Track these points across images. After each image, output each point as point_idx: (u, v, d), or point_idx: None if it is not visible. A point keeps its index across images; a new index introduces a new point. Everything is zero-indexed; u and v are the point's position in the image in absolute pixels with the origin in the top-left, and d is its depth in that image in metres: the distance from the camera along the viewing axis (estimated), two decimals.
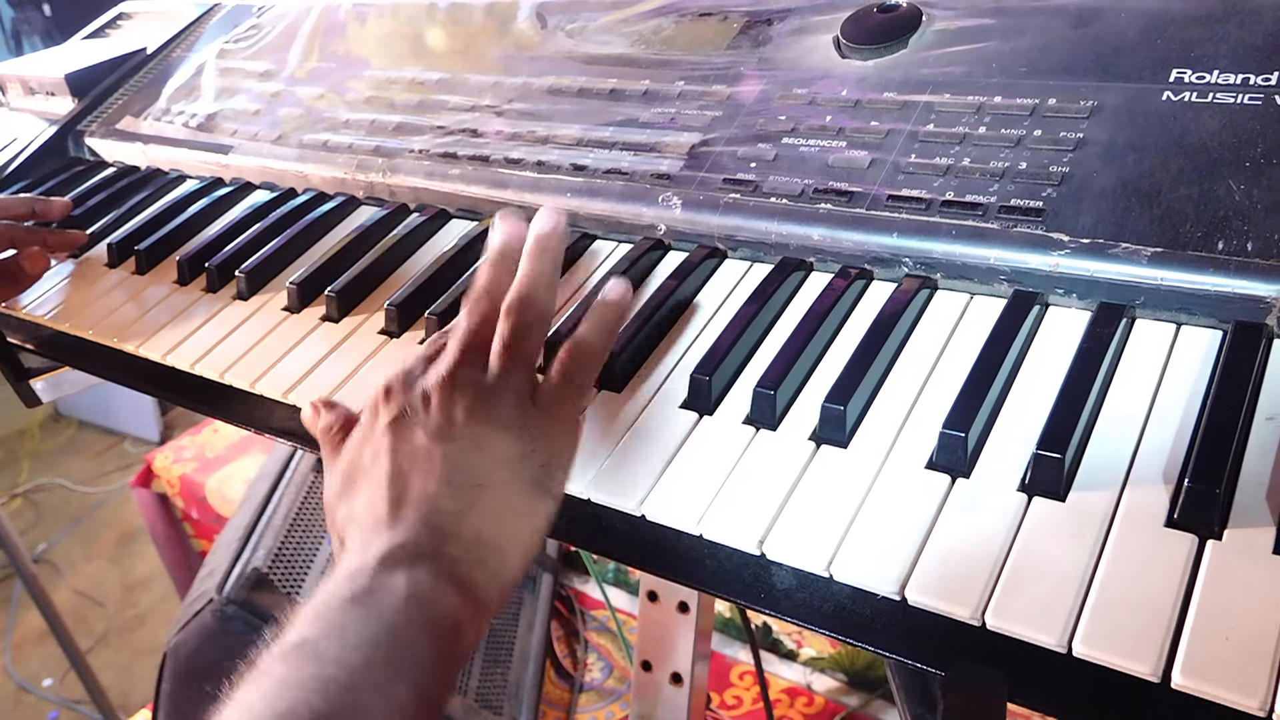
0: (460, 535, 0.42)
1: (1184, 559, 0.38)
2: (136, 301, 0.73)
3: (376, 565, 0.40)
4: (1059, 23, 0.60)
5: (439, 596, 0.40)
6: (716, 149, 0.63)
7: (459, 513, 0.43)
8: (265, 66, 0.93)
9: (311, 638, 0.38)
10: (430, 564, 0.41)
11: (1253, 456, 0.41)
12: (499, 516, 0.43)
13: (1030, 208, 0.52)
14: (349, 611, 0.39)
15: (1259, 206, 0.47)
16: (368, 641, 0.38)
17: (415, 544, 0.41)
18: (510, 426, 0.45)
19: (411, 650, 0.38)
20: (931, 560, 0.41)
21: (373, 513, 0.43)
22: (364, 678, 0.37)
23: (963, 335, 0.51)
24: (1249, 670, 0.34)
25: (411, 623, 0.39)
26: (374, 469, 0.45)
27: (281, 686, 0.37)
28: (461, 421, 0.45)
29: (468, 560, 0.42)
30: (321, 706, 0.36)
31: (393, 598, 0.39)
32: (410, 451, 0.44)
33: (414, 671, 0.38)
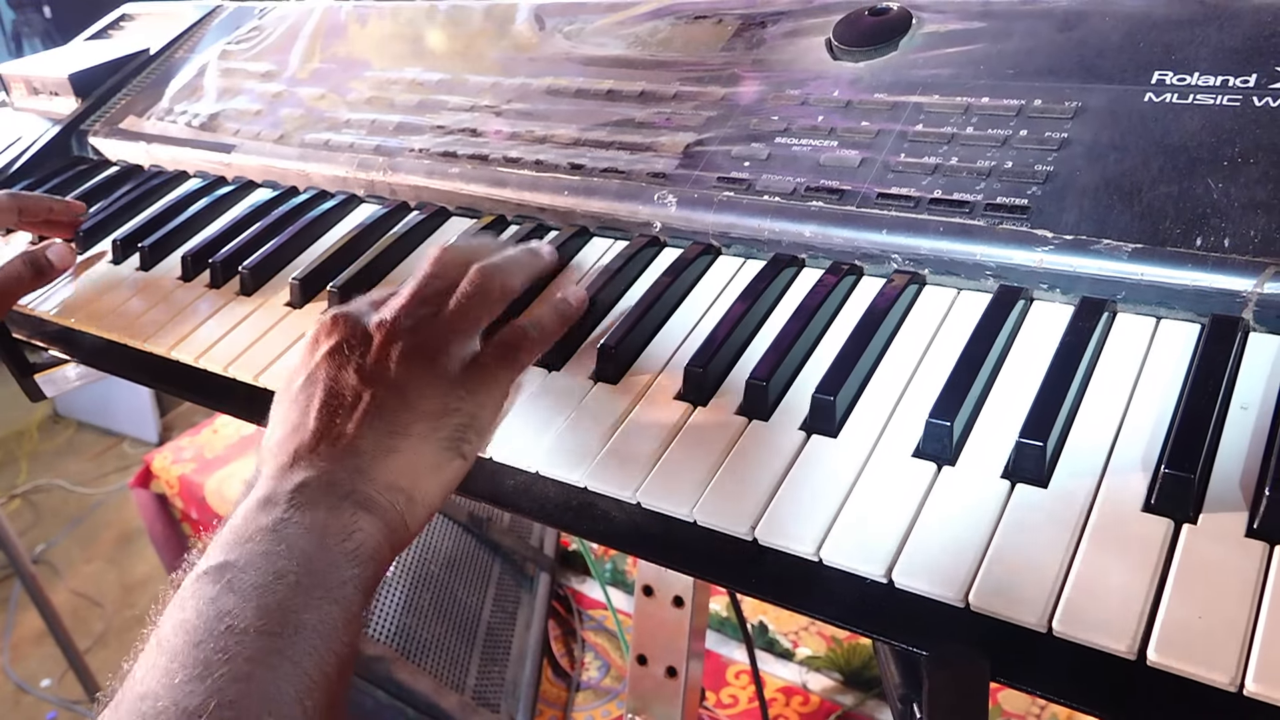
0: (373, 477, 0.44)
1: (1160, 542, 0.39)
2: (141, 297, 0.74)
3: (291, 493, 0.42)
4: (1045, 26, 0.61)
5: (355, 529, 0.42)
6: (711, 148, 0.65)
7: (374, 456, 0.44)
8: (267, 67, 0.94)
9: (235, 560, 0.39)
10: (346, 498, 0.43)
11: (1228, 444, 0.42)
12: (412, 466, 0.45)
13: (1015, 205, 0.53)
14: (270, 538, 0.40)
15: (1235, 204, 0.48)
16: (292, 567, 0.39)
17: (330, 478, 0.43)
18: (440, 381, 0.47)
19: (335, 574, 0.40)
20: (918, 544, 0.42)
21: (293, 442, 0.45)
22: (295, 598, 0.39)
23: (949, 329, 0.52)
24: (1220, 648, 0.35)
25: (330, 552, 0.41)
26: (303, 395, 0.46)
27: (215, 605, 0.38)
28: (395, 366, 0.46)
29: (379, 500, 0.44)
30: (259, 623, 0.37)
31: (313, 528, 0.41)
32: (340, 387, 0.46)
33: (339, 592, 0.40)
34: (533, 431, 0.52)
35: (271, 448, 0.46)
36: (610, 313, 0.60)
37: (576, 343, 0.57)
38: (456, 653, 1.40)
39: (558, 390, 0.55)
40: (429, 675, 1.31)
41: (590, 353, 0.56)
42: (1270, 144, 0.50)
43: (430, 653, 1.34)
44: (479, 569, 1.55)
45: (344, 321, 0.48)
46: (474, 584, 1.52)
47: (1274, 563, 0.37)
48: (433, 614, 1.39)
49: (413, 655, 1.31)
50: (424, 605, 1.38)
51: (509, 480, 0.53)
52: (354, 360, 0.46)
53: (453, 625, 1.42)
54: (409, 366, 0.46)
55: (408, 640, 1.32)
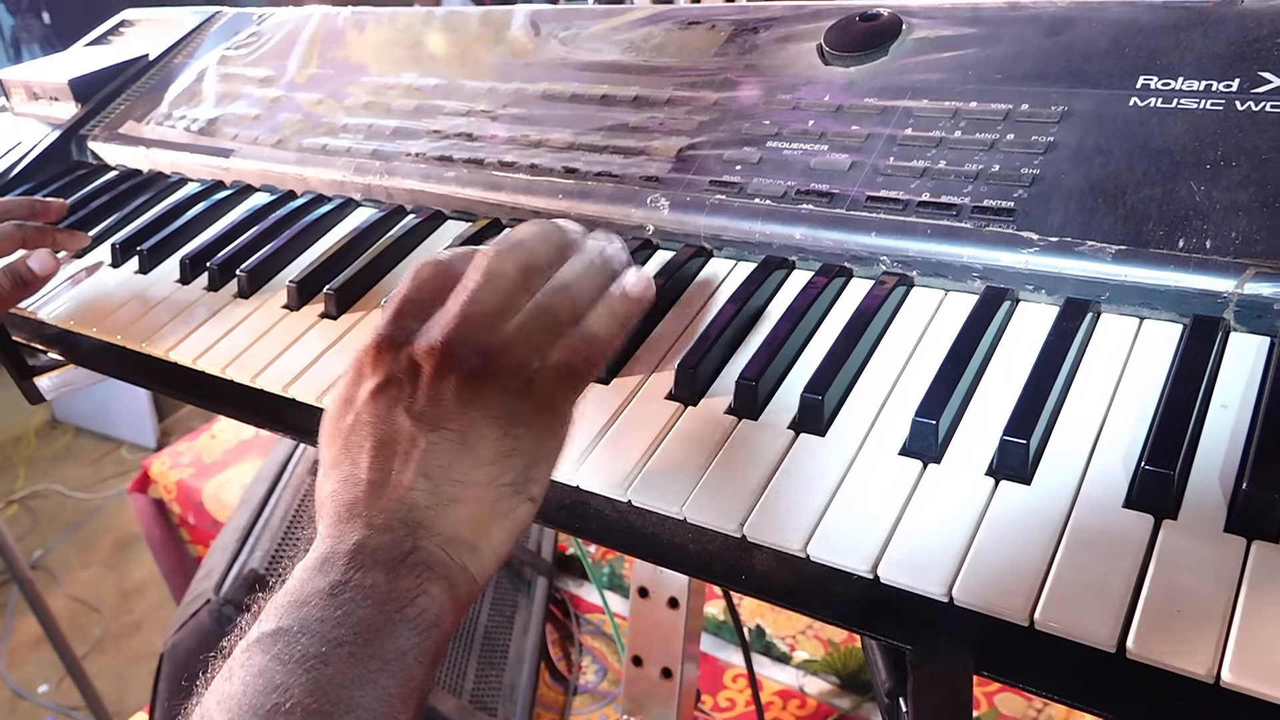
0: (436, 533, 0.41)
1: (1140, 537, 0.40)
2: (139, 300, 0.75)
3: (349, 556, 0.39)
4: (1032, 32, 0.62)
5: (418, 594, 0.39)
6: (703, 152, 0.65)
7: (436, 509, 0.41)
8: (265, 73, 0.95)
9: (289, 627, 0.37)
10: (406, 561, 0.39)
11: (1208, 442, 0.43)
12: (476, 516, 0.41)
13: (1002, 208, 0.54)
14: (327, 605, 0.38)
15: (1217, 206, 0.49)
16: (350, 638, 0.37)
17: (390, 539, 0.40)
18: (500, 420, 0.42)
19: (394, 646, 0.38)
20: (903, 540, 0.43)
21: (348, 495, 0.41)
22: (350, 671, 0.36)
23: (937, 329, 0.53)
24: (1197, 639, 0.36)
25: (391, 619, 0.38)
26: (352, 441, 0.42)
27: (264, 678, 0.35)
28: (449, 407, 0.41)
29: (442, 558, 0.40)
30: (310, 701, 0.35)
31: (372, 594, 0.38)
32: (391, 433, 0.41)
33: (398, 665, 0.37)
34: None
35: (326, 501, 0.42)
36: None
37: None
38: (454, 657, 1.40)
39: None
40: None
41: None
42: (1252, 147, 0.51)
43: None
44: None
45: (389, 351, 0.43)
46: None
47: (1251, 557, 0.38)
48: None
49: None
50: None
51: None
52: (404, 399, 0.42)
53: None
54: (463, 404, 0.41)
55: None
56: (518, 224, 0.69)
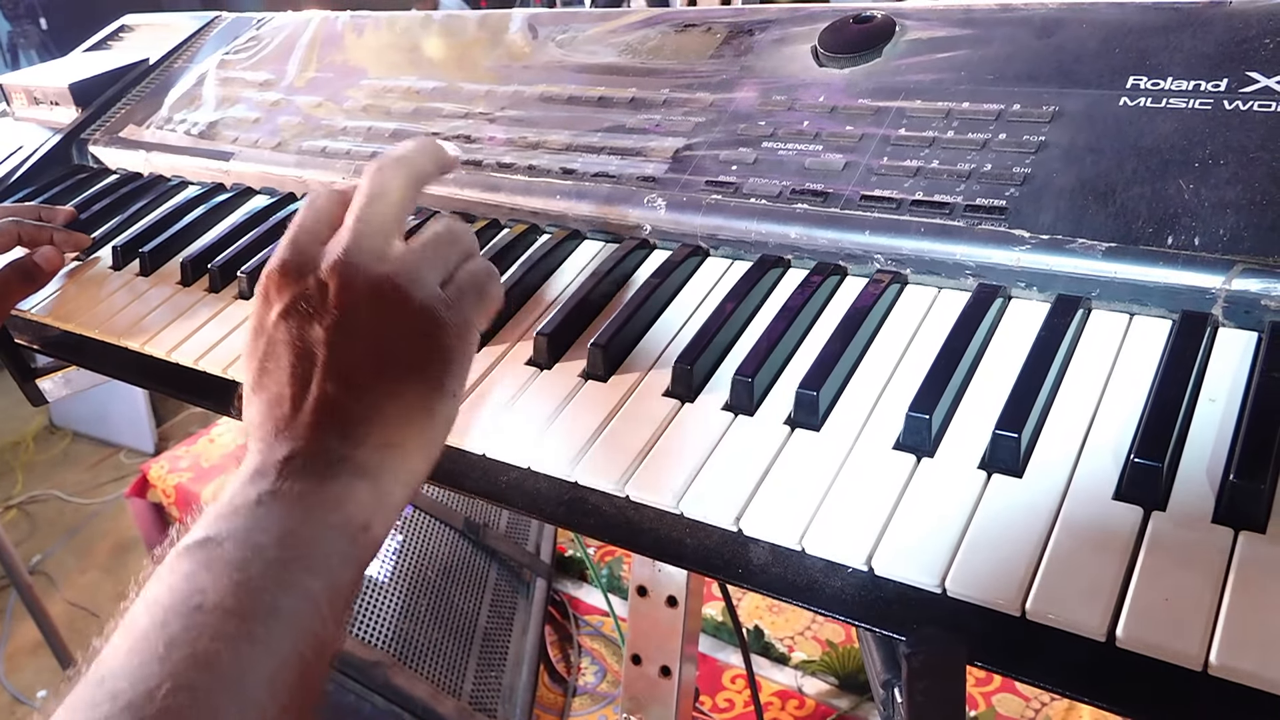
0: (364, 438, 0.41)
1: (1130, 529, 0.41)
2: (141, 302, 0.75)
3: (280, 466, 0.39)
4: (1024, 33, 0.63)
5: (346, 499, 0.39)
6: (699, 153, 0.66)
7: (359, 414, 0.41)
8: (265, 76, 0.96)
9: (217, 534, 0.37)
10: (336, 467, 0.40)
11: (1196, 435, 0.44)
12: (402, 417, 0.42)
13: (994, 206, 0.54)
14: (255, 513, 0.38)
15: (1206, 204, 0.50)
16: (278, 542, 0.37)
17: (319, 446, 0.40)
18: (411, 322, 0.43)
19: (323, 550, 0.38)
20: (897, 534, 0.43)
21: (275, 413, 0.41)
22: (274, 575, 0.36)
23: (930, 326, 0.54)
24: (1186, 629, 0.37)
25: (318, 525, 0.38)
26: (270, 365, 0.42)
27: (190, 581, 0.35)
28: (360, 314, 0.42)
29: (372, 462, 0.41)
30: (230, 602, 0.35)
31: (303, 500, 0.39)
32: (307, 347, 0.41)
33: (327, 570, 0.38)
34: (525, 428, 0.54)
35: (255, 420, 0.42)
36: (600, 313, 0.61)
37: (568, 342, 0.59)
38: (453, 658, 1.40)
39: (549, 388, 0.56)
40: (426, 681, 1.31)
41: (581, 352, 0.57)
42: (1239, 146, 0.51)
43: (427, 658, 1.35)
44: (475, 575, 1.55)
45: (292, 274, 0.43)
46: (471, 590, 1.52)
47: (1238, 547, 0.39)
48: (429, 620, 1.40)
49: (410, 661, 1.32)
50: (421, 611, 1.39)
51: (502, 477, 0.54)
52: (314, 314, 0.42)
53: (449, 631, 1.43)
54: (376, 309, 0.42)
55: (405, 646, 1.33)
56: (516, 225, 0.71)
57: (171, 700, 0.32)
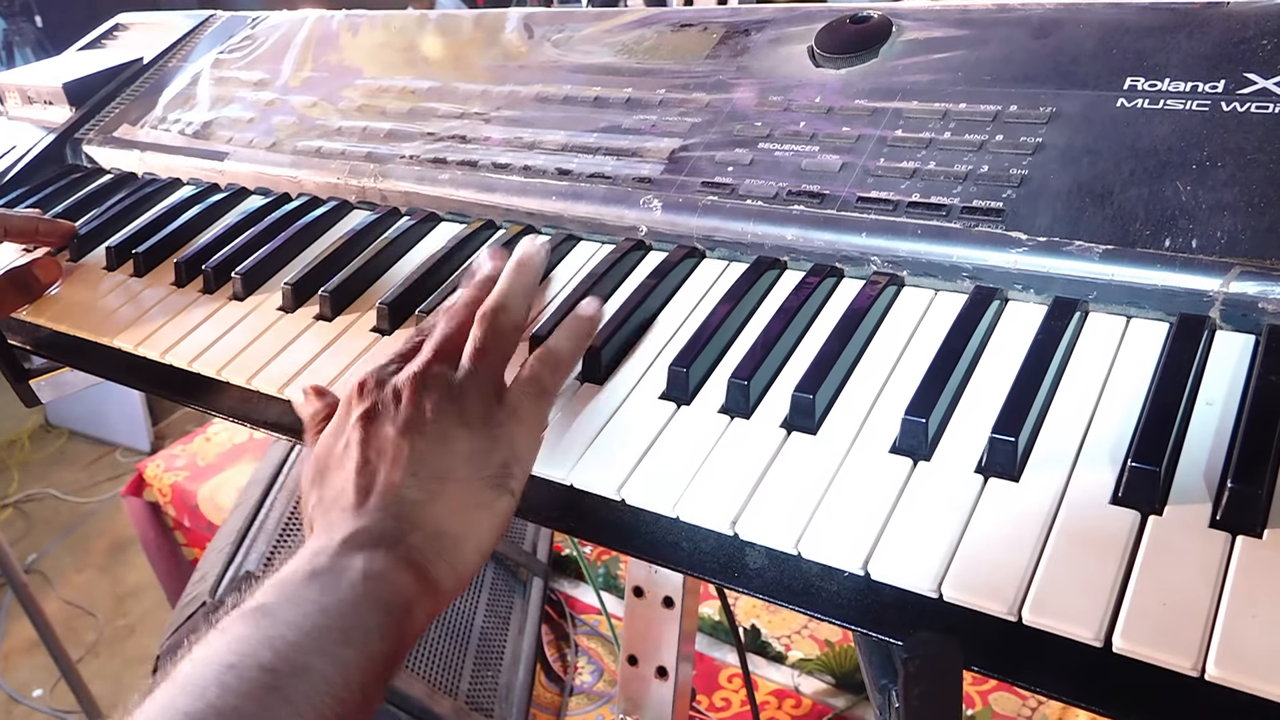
0: (421, 524, 0.44)
1: (1127, 533, 0.40)
2: (135, 303, 0.75)
3: (339, 546, 0.43)
4: (1021, 34, 0.63)
5: (394, 577, 0.42)
6: (696, 154, 0.66)
7: (421, 503, 0.45)
8: (259, 76, 0.95)
9: (268, 604, 0.40)
10: (390, 548, 0.43)
11: (1193, 439, 0.43)
12: (459, 509, 0.45)
13: (991, 208, 0.54)
14: (307, 584, 0.41)
15: (1203, 206, 0.50)
16: (321, 610, 0.40)
17: (379, 528, 0.44)
18: (475, 424, 0.47)
19: (362, 622, 0.41)
20: (894, 538, 0.43)
21: (341, 499, 0.45)
22: (313, 641, 0.39)
23: (927, 329, 0.53)
24: (1183, 634, 0.37)
25: (365, 597, 0.41)
26: (344, 459, 0.47)
27: (234, 642, 0.39)
28: (429, 417, 0.47)
29: (426, 548, 0.44)
30: (268, 659, 0.38)
31: (350, 574, 0.42)
32: (379, 444, 0.46)
33: (363, 642, 0.40)
34: None
35: (317, 509, 0.46)
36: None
37: None
38: (449, 658, 1.40)
39: None
40: (422, 680, 1.31)
41: None
42: (1237, 148, 0.51)
43: (423, 658, 1.35)
44: None
45: (372, 385, 0.49)
46: (467, 589, 1.52)
47: (1235, 552, 0.39)
48: None
49: (406, 661, 1.31)
50: None
51: None
52: (388, 417, 0.47)
53: (446, 631, 1.42)
54: (443, 415, 0.47)
55: None
56: (511, 225, 0.71)
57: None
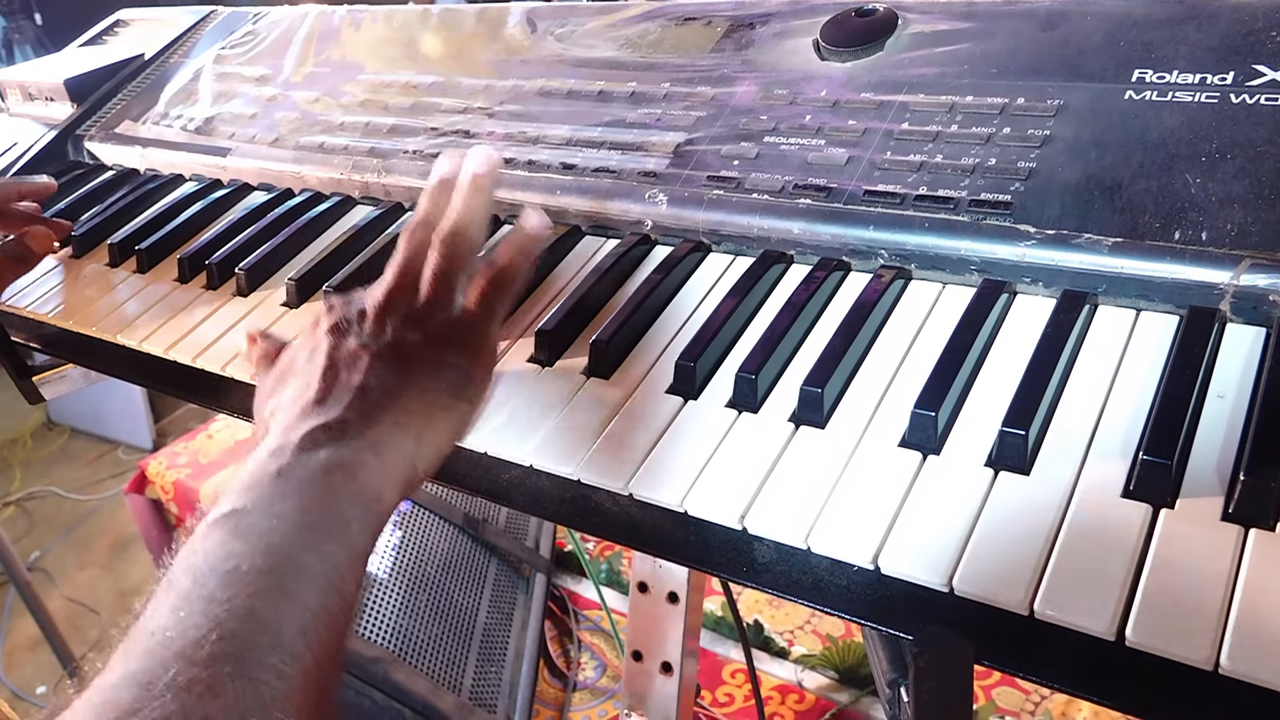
0: (381, 419, 0.46)
1: (1139, 527, 0.40)
2: (138, 299, 0.75)
3: (299, 441, 0.44)
4: (1028, 26, 0.63)
5: (358, 467, 0.44)
6: (701, 148, 0.66)
7: (381, 402, 0.46)
8: (261, 71, 0.95)
9: (243, 506, 0.41)
10: (349, 440, 0.44)
11: (1205, 431, 0.43)
12: (418, 409, 0.47)
13: (999, 201, 0.54)
14: (276, 483, 0.42)
15: (1213, 198, 0.49)
16: (298, 509, 0.41)
17: (339, 421, 0.45)
18: (435, 342, 0.49)
19: (340, 516, 0.42)
20: (904, 532, 0.43)
21: (301, 399, 0.47)
22: (298, 538, 0.40)
23: (935, 322, 0.53)
24: (1196, 628, 0.36)
25: (336, 490, 0.43)
26: (308, 365, 0.49)
27: (223, 548, 0.39)
28: (391, 333, 0.49)
29: (385, 440, 0.45)
30: (262, 563, 0.39)
31: (316, 468, 0.43)
32: (344, 354, 0.48)
33: (343, 532, 0.42)
34: (527, 426, 0.53)
35: (282, 406, 0.47)
36: (602, 310, 0.61)
37: (569, 339, 0.58)
38: (453, 654, 1.40)
39: (551, 386, 0.56)
40: (425, 676, 1.31)
41: (583, 349, 0.57)
42: (1246, 140, 0.51)
43: (427, 654, 1.35)
44: (475, 571, 1.55)
45: (340, 304, 0.51)
46: (470, 586, 1.52)
47: (1248, 545, 0.38)
48: (429, 616, 1.39)
49: (409, 657, 1.31)
50: (420, 607, 1.39)
51: (504, 475, 0.54)
52: (353, 331, 0.49)
53: (449, 627, 1.42)
54: (404, 332, 0.49)
55: (404, 642, 1.32)
56: (518, 220, 0.70)
57: (218, 647, 0.35)
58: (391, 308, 0.50)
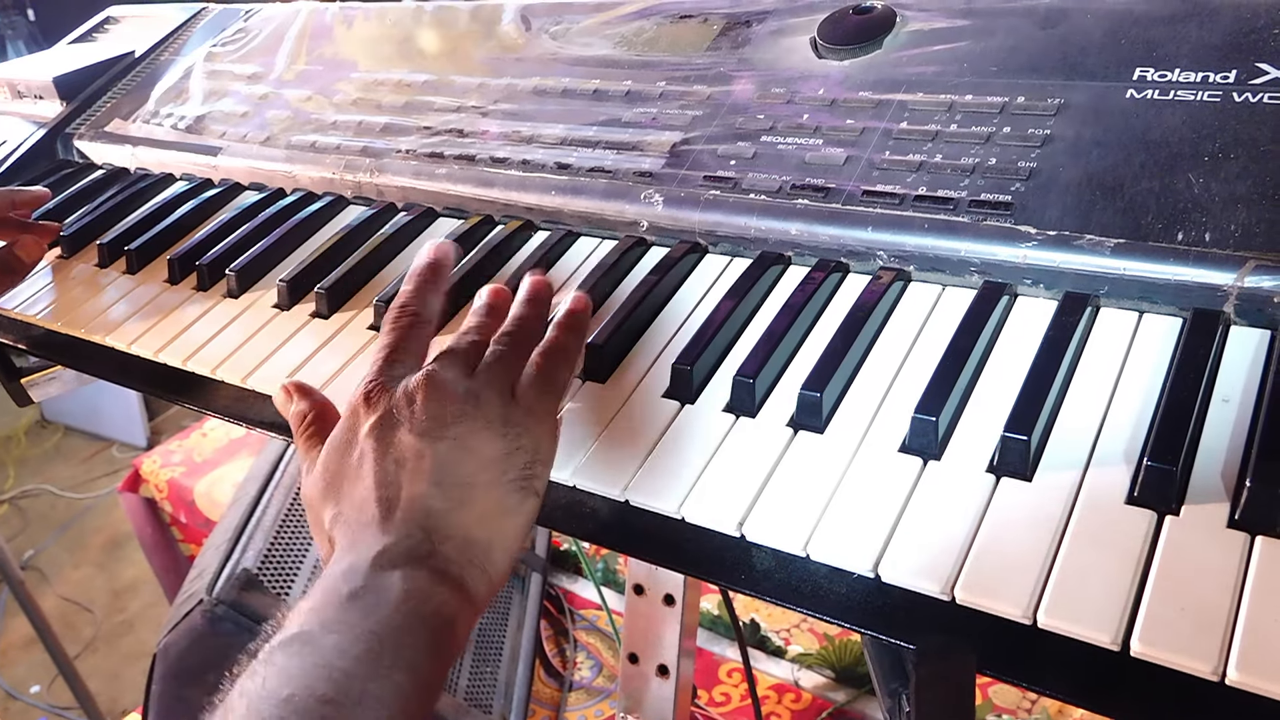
0: (450, 535, 0.43)
1: (1143, 534, 0.40)
2: (128, 300, 0.74)
3: (371, 564, 0.41)
4: (1028, 24, 0.62)
5: (433, 593, 0.41)
6: (697, 147, 0.65)
7: (448, 512, 0.43)
8: (253, 69, 0.94)
9: (310, 630, 0.39)
10: (424, 563, 0.42)
11: (1209, 436, 0.43)
12: (487, 515, 0.44)
13: (999, 202, 0.53)
14: (347, 608, 0.40)
15: (1216, 199, 0.49)
16: (367, 635, 0.39)
17: (409, 544, 0.42)
18: (496, 425, 0.46)
19: (409, 643, 0.40)
20: (904, 539, 0.42)
21: (363, 514, 0.44)
22: (365, 667, 0.38)
23: (935, 325, 0.53)
24: (1202, 638, 0.36)
25: (408, 618, 0.40)
26: (360, 471, 0.45)
27: (284, 674, 0.38)
28: (448, 421, 0.45)
29: (458, 559, 0.43)
30: (326, 691, 0.37)
31: (390, 595, 0.40)
32: (397, 453, 0.45)
33: (412, 663, 0.39)
34: None
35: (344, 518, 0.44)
36: (598, 312, 0.60)
37: None
38: None
39: None
40: None
41: None
42: (1250, 139, 0.50)
43: None
44: None
45: (382, 391, 0.47)
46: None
47: (1255, 553, 0.38)
48: None
49: None
50: None
51: None
52: (404, 423, 0.45)
53: None
54: (462, 418, 0.45)
55: None
56: (510, 221, 0.70)
57: None
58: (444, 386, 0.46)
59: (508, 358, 0.49)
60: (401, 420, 0.45)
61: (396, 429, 0.45)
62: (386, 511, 0.43)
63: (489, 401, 0.46)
